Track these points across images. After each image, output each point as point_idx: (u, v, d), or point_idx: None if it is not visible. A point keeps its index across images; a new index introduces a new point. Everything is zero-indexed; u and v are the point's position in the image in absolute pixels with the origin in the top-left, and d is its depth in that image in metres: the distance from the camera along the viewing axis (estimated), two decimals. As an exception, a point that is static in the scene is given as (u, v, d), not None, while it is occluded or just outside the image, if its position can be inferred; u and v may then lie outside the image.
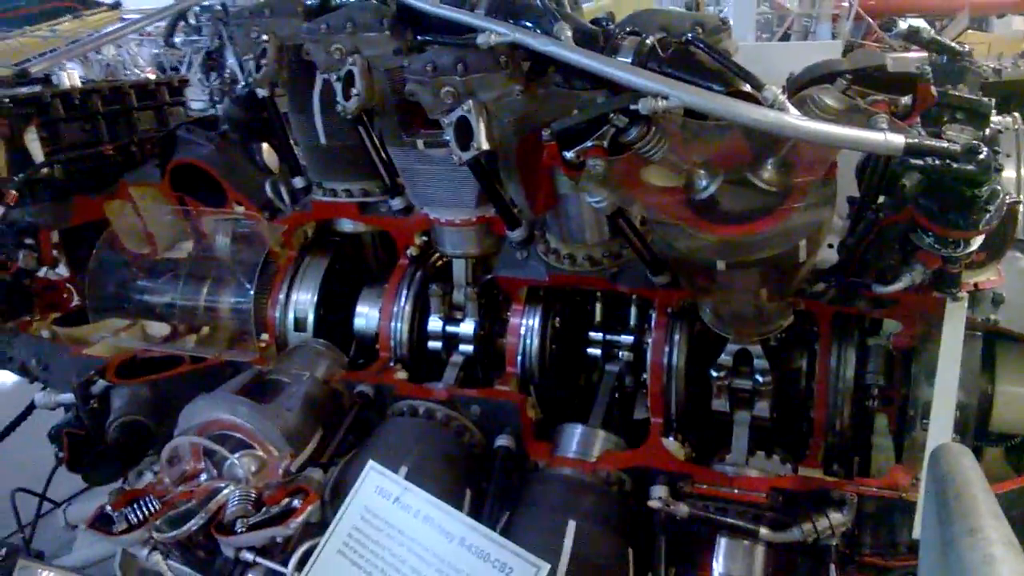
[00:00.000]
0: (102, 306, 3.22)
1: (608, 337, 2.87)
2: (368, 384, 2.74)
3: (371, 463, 2.05)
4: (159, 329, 3.31)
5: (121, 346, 3.17)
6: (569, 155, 2.04)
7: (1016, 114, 2.32)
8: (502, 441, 2.57)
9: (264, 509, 2.30)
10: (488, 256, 2.88)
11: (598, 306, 2.92)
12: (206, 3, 3.99)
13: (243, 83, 3.17)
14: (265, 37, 2.79)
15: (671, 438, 2.59)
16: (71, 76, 3.35)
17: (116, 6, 10.77)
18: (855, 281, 2.21)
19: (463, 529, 1.79)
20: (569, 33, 2.08)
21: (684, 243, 2.04)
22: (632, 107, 1.90)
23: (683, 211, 2.05)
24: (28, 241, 3.11)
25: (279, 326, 3.04)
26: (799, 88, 2.04)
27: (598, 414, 2.74)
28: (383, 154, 2.77)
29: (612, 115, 1.95)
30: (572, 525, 2.29)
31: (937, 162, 1.77)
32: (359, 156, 2.86)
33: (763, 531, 2.32)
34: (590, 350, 2.90)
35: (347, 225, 3.07)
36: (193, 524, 2.29)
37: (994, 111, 2.06)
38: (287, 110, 3.07)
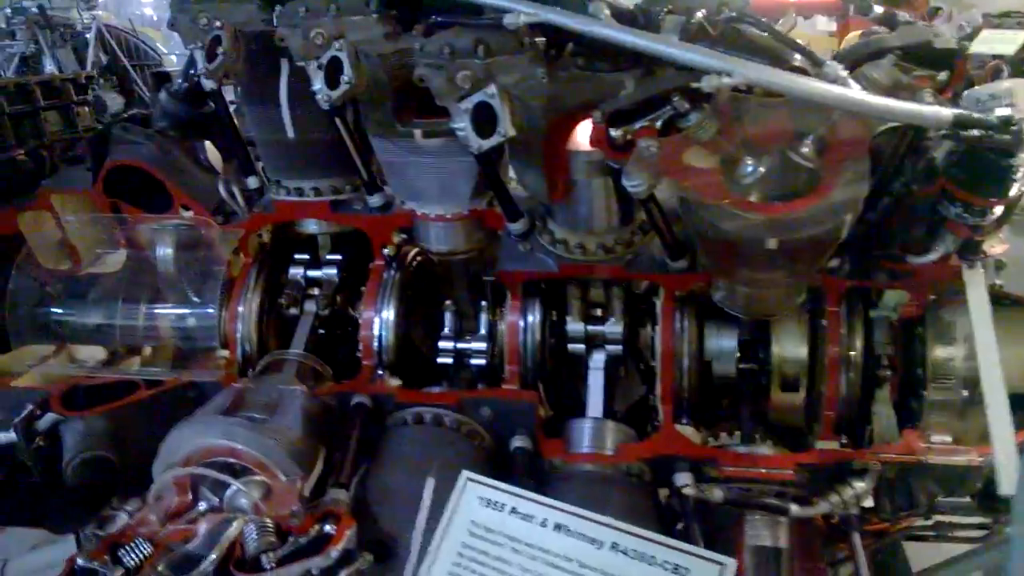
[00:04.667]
0: (24, 331, 2.84)
1: (592, 328, 2.78)
2: (363, 395, 2.55)
3: (465, 474, 1.89)
4: (90, 353, 2.95)
5: (53, 375, 2.81)
6: (616, 135, 1.96)
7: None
8: (519, 442, 2.46)
9: (291, 539, 2.09)
10: (473, 252, 2.76)
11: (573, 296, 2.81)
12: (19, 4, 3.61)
13: (182, 75, 2.88)
14: (218, 23, 2.54)
15: (684, 423, 2.57)
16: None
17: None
18: (882, 254, 2.26)
19: (612, 533, 1.68)
20: (608, 12, 2.01)
21: (731, 224, 2.01)
22: (695, 85, 1.86)
23: (728, 192, 2.03)
24: (-62, 261, 2.70)
25: (242, 341, 2.77)
26: (851, 64, 2.06)
27: (596, 405, 2.67)
28: (360, 147, 2.59)
29: (672, 96, 1.90)
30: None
31: (977, 133, 1.83)
32: (330, 151, 2.67)
33: (793, 508, 2.35)
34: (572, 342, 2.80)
35: (312, 226, 2.85)
36: (207, 566, 2.05)
37: None
38: (237, 103, 2.83)
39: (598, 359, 2.64)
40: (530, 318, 2.61)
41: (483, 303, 2.76)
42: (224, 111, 2.71)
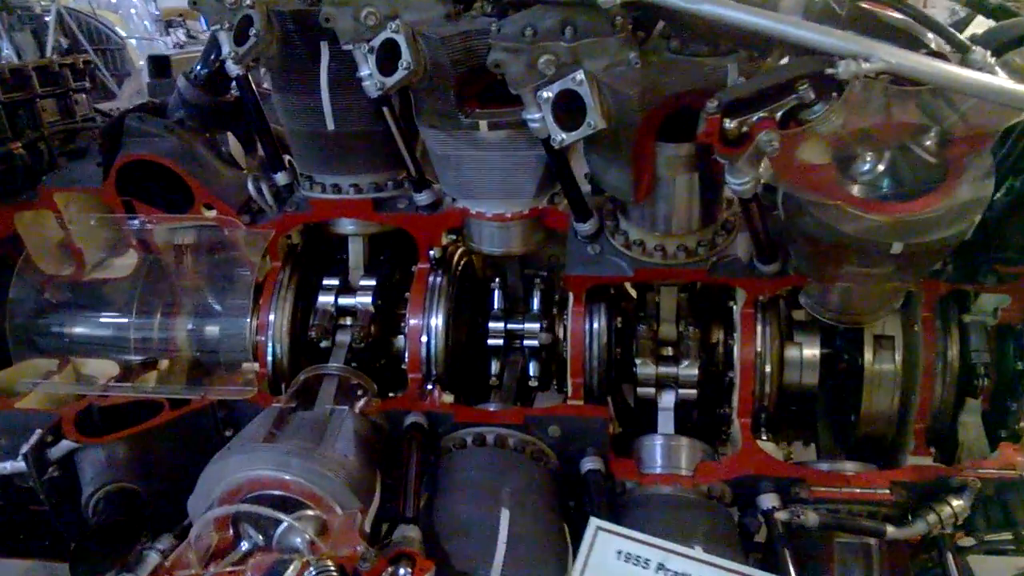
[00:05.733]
0: (27, 344, 2.55)
1: (663, 369, 2.53)
2: (418, 413, 2.32)
3: (595, 522, 1.66)
4: (98, 368, 2.67)
5: (60, 394, 2.53)
6: (730, 127, 1.75)
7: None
8: (592, 464, 2.25)
9: (362, 584, 1.85)
10: (527, 254, 2.55)
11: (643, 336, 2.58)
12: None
13: (201, 60, 2.60)
14: (248, 2, 2.28)
15: (764, 439, 2.38)
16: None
17: None
18: (996, 256, 2.09)
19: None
20: (719, -12, 1.79)
21: (850, 226, 1.82)
22: (829, 71, 1.65)
23: (847, 190, 1.84)
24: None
25: (271, 353, 2.52)
26: (995, 50, 1.86)
27: (667, 421, 2.46)
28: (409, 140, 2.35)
29: (798, 83, 1.69)
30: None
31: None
32: (373, 144, 2.42)
33: (890, 529, 2.18)
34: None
35: (348, 226, 2.59)
36: (264, 614, 1.82)
37: None
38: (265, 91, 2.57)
39: (668, 400, 2.44)
40: (595, 325, 2.40)
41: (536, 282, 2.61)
42: (251, 99, 2.44)
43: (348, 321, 2.59)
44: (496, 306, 2.69)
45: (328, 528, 1.99)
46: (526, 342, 2.62)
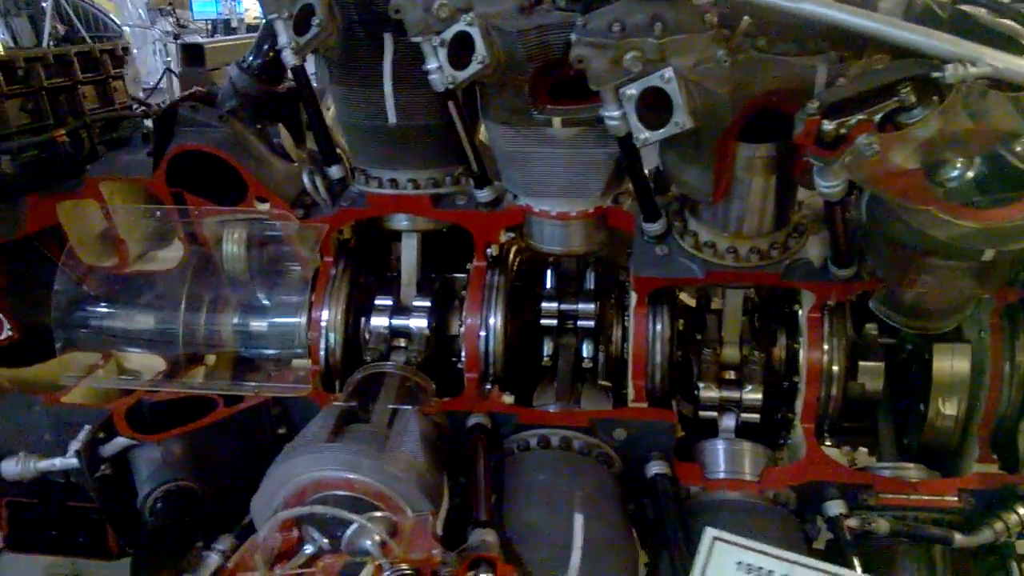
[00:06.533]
0: (72, 338, 2.49)
1: (726, 393, 2.47)
2: (481, 414, 2.27)
3: (710, 532, 1.63)
4: (143, 363, 2.61)
5: (102, 389, 2.47)
6: (828, 129, 1.72)
7: None
8: (658, 468, 2.22)
9: (442, 590, 1.81)
10: (587, 254, 2.51)
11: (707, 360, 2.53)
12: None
13: (254, 50, 2.54)
14: (309, -10, 2.22)
15: (828, 445, 2.36)
16: (-12, 39, 2.54)
17: None
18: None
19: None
20: (816, -13, 1.75)
21: (942, 231, 1.80)
22: (936, 75, 1.62)
23: (938, 196, 1.81)
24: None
25: (324, 350, 2.47)
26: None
27: (729, 425, 2.43)
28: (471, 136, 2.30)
29: (899, 87, 1.67)
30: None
31: None
32: (433, 139, 2.38)
33: (958, 537, 2.16)
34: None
35: (403, 222, 2.54)
36: (342, 621, 1.77)
37: None
38: (320, 84, 2.51)
39: (728, 424, 2.41)
40: (658, 327, 2.37)
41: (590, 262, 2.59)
42: (308, 91, 2.38)
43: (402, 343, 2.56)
44: (549, 286, 2.65)
45: (399, 531, 1.95)
46: (580, 323, 2.57)
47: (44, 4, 10.62)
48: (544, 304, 2.58)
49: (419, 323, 2.53)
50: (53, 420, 2.36)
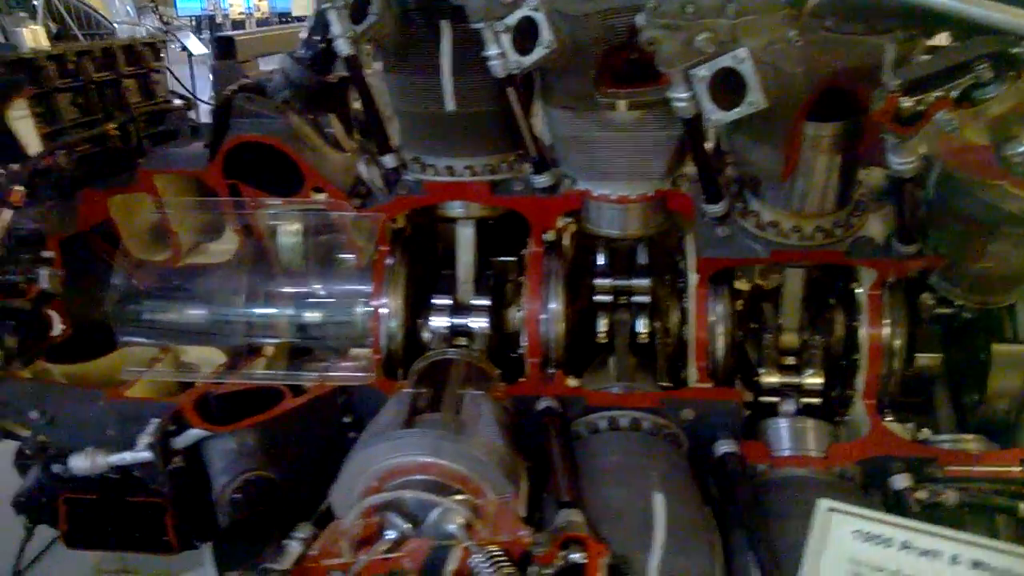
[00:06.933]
0: (132, 332, 2.49)
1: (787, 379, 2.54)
2: (550, 398, 2.29)
3: (824, 503, 1.65)
4: (200, 356, 2.61)
5: (162, 383, 2.48)
6: (906, 106, 1.74)
7: None
8: (727, 447, 2.24)
9: (534, 569, 1.82)
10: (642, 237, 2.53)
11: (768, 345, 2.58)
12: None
13: (304, 42, 2.54)
14: (366, -22, 2.22)
15: (889, 420, 2.39)
16: (36, 35, 2.53)
17: None
18: None
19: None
20: (892, -35, 1.77)
21: (1015, 205, 1.83)
22: (1016, 51, 1.64)
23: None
24: (46, 255, 2.31)
25: (385, 338, 2.48)
26: None
27: (790, 410, 2.46)
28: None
29: (977, 63, 1.68)
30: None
31: None
32: (491, 125, 2.38)
33: (1021, 506, 2.20)
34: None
35: (457, 209, 2.55)
36: (437, 604, 1.78)
37: None
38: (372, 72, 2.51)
39: (789, 409, 2.44)
40: (720, 308, 2.39)
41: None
42: (361, 80, 2.38)
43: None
44: (601, 262, 2.68)
45: (482, 514, 1.96)
46: (634, 299, 2.61)
47: (35, 3, 10.59)
48: (598, 281, 2.61)
49: (480, 323, 2.57)
50: (117, 414, 2.36)
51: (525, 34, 2.05)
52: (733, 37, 1.88)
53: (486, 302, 2.59)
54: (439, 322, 2.58)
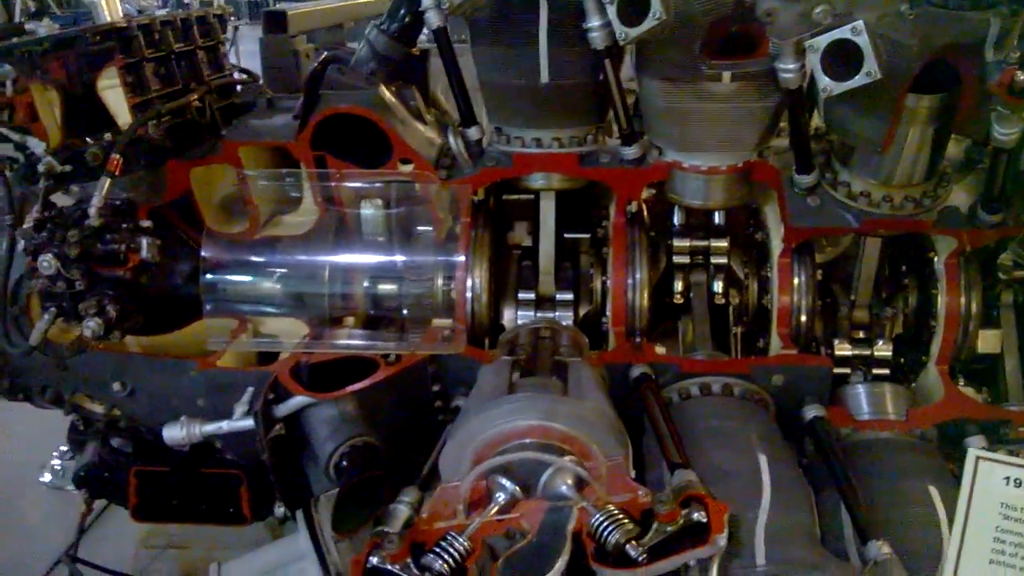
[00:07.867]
0: (221, 303, 2.49)
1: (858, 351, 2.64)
2: (643, 365, 2.34)
3: (973, 451, 1.71)
4: (280, 327, 2.62)
5: (244, 353, 2.50)
6: (1022, 78, 1.80)
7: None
8: (816, 412, 2.31)
9: (657, 527, 1.87)
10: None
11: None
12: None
13: (389, 13, 2.55)
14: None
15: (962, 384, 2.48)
16: (111, 5, 2.50)
17: None
18: None
19: None
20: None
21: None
22: None
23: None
24: (145, 224, 2.30)
25: (471, 308, 2.51)
26: None
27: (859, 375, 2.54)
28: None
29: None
30: (935, 491, 2.10)
31: None
32: (582, 97, 2.42)
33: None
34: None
35: (538, 180, 2.58)
36: (562, 565, 1.82)
37: None
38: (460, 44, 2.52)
39: (856, 382, 2.52)
40: (802, 277, 2.45)
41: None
42: (450, 52, 2.39)
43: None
44: (677, 222, 2.74)
45: (595, 475, 2.01)
46: (712, 259, 2.69)
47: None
48: (675, 242, 2.68)
49: (564, 319, 2.61)
50: (209, 384, 2.37)
51: (631, 5, 2.08)
52: (848, 9, 1.93)
53: (569, 296, 2.65)
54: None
